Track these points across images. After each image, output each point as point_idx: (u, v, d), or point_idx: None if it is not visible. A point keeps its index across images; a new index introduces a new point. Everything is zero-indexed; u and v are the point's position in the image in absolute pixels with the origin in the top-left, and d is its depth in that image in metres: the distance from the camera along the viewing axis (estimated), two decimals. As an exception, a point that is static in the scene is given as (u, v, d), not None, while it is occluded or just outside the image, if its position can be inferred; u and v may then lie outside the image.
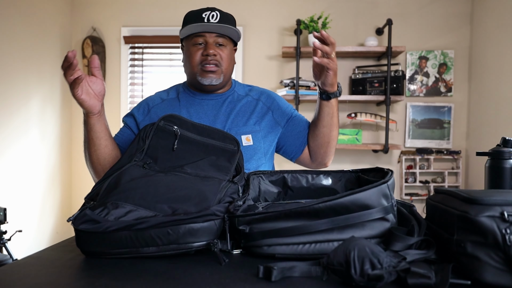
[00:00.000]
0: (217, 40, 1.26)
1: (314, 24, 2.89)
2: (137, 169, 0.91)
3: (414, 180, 3.07)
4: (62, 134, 3.25)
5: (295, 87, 2.89)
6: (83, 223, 0.73)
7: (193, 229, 0.72)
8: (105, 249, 0.73)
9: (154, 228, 0.71)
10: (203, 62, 1.25)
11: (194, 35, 1.26)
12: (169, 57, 3.33)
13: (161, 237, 0.71)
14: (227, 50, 1.28)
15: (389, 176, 0.73)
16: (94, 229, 0.72)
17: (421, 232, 0.69)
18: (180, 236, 0.72)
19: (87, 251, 0.75)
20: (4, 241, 2.27)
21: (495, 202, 0.59)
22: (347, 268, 0.58)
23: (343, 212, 0.69)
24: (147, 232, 0.71)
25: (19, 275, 0.65)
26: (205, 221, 0.73)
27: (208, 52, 1.24)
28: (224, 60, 1.27)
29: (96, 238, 0.72)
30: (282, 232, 0.71)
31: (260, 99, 1.35)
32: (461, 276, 0.60)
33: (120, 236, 0.72)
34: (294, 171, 1.02)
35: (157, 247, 0.72)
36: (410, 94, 3.12)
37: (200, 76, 1.26)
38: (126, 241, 0.72)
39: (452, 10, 3.08)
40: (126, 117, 1.37)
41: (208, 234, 0.73)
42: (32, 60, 2.90)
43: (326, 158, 1.33)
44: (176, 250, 0.72)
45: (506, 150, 1.00)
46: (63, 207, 3.28)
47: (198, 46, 1.26)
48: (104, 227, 0.72)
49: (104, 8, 3.32)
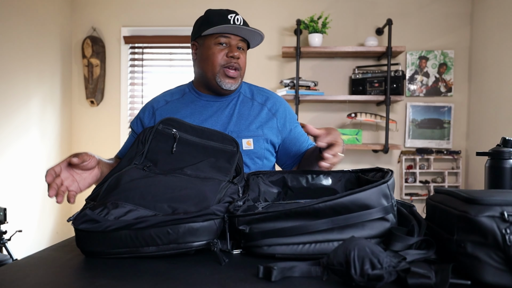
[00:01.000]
0: (239, 44, 1.25)
1: (314, 24, 2.89)
2: (137, 171, 0.91)
3: (414, 180, 3.07)
4: (62, 134, 3.25)
5: (295, 87, 2.89)
6: (83, 223, 0.73)
7: (193, 229, 0.72)
8: (105, 249, 0.73)
9: (154, 227, 0.71)
10: (226, 64, 1.23)
11: (219, 34, 1.23)
12: (169, 57, 3.33)
13: (161, 237, 0.71)
14: (245, 54, 1.29)
15: (389, 176, 0.74)
16: (94, 228, 0.72)
17: (421, 232, 0.69)
18: (180, 236, 0.71)
19: (87, 251, 0.75)
20: (4, 241, 2.27)
21: (495, 202, 0.59)
22: (347, 268, 0.58)
23: (343, 212, 0.69)
24: (147, 232, 0.71)
25: (19, 275, 0.65)
26: (205, 221, 0.72)
27: (233, 54, 1.22)
28: (242, 64, 1.27)
29: (96, 237, 0.72)
30: (282, 232, 0.71)
31: (265, 105, 1.33)
32: (461, 276, 0.60)
33: (120, 236, 0.72)
34: (294, 172, 1.02)
35: (156, 246, 0.72)
36: (410, 94, 3.12)
37: (221, 79, 1.24)
38: (126, 240, 0.72)
39: (452, 10, 3.08)
40: (133, 122, 1.36)
41: (208, 234, 0.73)
42: (32, 60, 2.90)
43: None
44: (176, 250, 0.72)
45: (506, 150, 1.00)
46: (63, 207, 3.28)
47: (221, 46, 1.23)
48: (104, 227, 0.72)
49: (104, 8, 3.32)
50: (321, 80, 3.12)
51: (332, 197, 0.69)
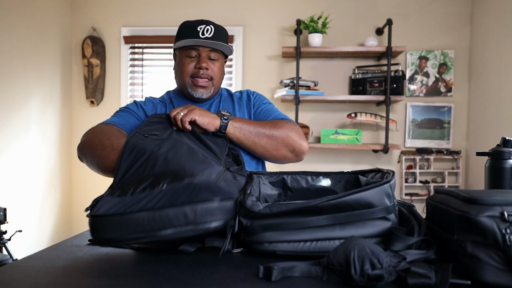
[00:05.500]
0: (210, 55, 1.30)
1: (314, 24, 2.89)
2: (139, 138, 0.93)
3: (414, 180, 3.07)
4: (62, 134, 3.25)
5: (295, 87, 2.88)
6: (101, 208, 0.74)
7: (210, 208, 0.74)
8: (122, 235, 0.73)
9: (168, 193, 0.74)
10: (195, 75, 1.29)
11: (188, 47, 1.29)
12: (169, 57, 3.33)
13: (179, 217, 0.72)
14: (218, 64, 1.33)
15: (391, 176, 0.74)
16: (116, 211, 0.74)
17: (421, 232, 0.69)
18: (198, 216, 0.72)
19: (103, 239, 0.75)
20: (4, 241, 2.27)
21: (495, 202, 0.59)
22: (347, 268, 0.58)
23: (345, 210, 0.69)
24: (164, 212, 0.72)
25: (19, 275, 0.65)
26: (222, 200, 0.75)
27: (200, 65, 1.28)
28: (215, 73, 1.32)
29: (114, 222, 0.73)
30: (283, 226, 0.71)
31: (242, 96, 1.41)
32: (461, 276, 0.60)
33: (138, 218, 0.72)
34: (294, 173, 1.02)
35: (174, 228, 0.73)
36: (410, 94, 3.12)
37: (191, 88, 1.31)
38: (143, 223, 0.72)
39: (452, 10, 3.08)
40: (133, 105, 1.37)
41: (226, 213, 0.75)
42: (32, 60, 2.90)
43: (281, 155, 1.25)
44: (194, 232, 0.73)
45: (506, 150, 1.00)
46: (63, 207, 3.28)
47: (191, 58, 1.30)
48: (124, 209, 0.73)
49: (104, 8, 3.32)
50: (321, 80, 3.12)
51: (336, 196, 0.69)
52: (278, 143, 1.20)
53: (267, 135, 1.19)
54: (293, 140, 1.20)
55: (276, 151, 1.20)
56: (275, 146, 1.20)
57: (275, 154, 1.21)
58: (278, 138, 1.19)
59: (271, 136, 1.19)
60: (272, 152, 1.20)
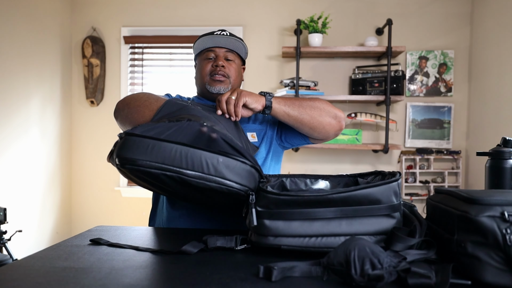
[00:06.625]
0: (226, 55, 1.35)
1: (314, 24, 2.89)
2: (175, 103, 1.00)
3: (414, 180, 3.07)
4: (62, 134, 3.25)
5: (295, 87, 2.89)
6: (137, 129, 0.76)
7: (241, 168, 0.77)
8: (149, 160, 0.73)
9: None
10: (212, 72, 1.33)
11: (206, 50, 1.35)
12: (169, 57, 3.33)
13: (209, 164, 0.74)
14: (235, 64, 1.36)
15: (399, 175, 0.76)
16: (156, 134, 0.74)
17: (421, 233, 0.69)
18: (228, 170, 0.75)
19: (126, 158, 0.74)
20: (4, 241, 2.27)
21: (495, 202, 0.59)
22: (348, 268, 0.58)
23: (354, 204, 0.70)
24: (197, 154, 0.73)
25: (19, 275, 0.65)
26: (253, 167, 0.79)
27: (217, 63, 1.32)
28: (232, 72, 1.35)
29: (147, 144, 0.73)
30: (289, 215, 0.71)
31: None
32: (461, 276, 0.60)
33: (171, 148, 0.73)
34: (293, 176, 1.02)
35: (201, 173, 0.73)
36: (410, 94, 3.12)
37: (209, 85, 1.34)
38: (175, 155, 0.73)
39: (452, 10, 3.08)
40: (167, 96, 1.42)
41: (251, 181, 0.78)
42: (32, 60, 2.90)
43: (326, 122, 1.28)
44: (215, 185, 0.74)
45: (506, 150, 1.00)
46: (63, 207, 3.28)
47: (208, 60, 1.35)
48: (162, 136, 0.75)
49: (104, 8, 3.32)
50: (321, 80, 3.12)
51: (347, 189, 0.70)
52: (321, 110, 1.24)
53: (309, 105, 1.23)
54: (331, 107, 1.26)
55: (321, 117, 1.24)
56: (319, 113, 1.24)
57: (321, 121, 1.24)
58: (319, 106, 1.24)
59: (312, 106, 1.24)
60: (318, 119, 1.23)
